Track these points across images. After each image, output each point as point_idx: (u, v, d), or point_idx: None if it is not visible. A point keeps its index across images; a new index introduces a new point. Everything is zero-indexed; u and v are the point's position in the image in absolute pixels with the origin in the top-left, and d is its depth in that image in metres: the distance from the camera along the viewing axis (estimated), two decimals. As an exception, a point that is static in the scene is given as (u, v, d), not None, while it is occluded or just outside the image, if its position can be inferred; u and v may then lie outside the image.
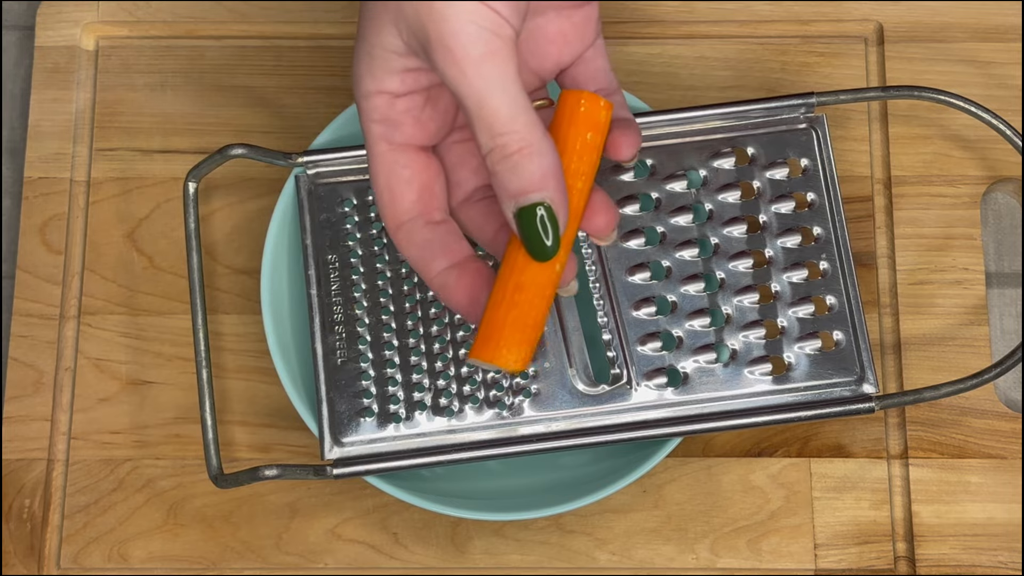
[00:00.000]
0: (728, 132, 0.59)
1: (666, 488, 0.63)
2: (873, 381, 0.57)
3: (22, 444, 0.63)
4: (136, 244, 0.66)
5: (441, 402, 0.57)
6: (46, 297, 0.65)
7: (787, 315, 0.58)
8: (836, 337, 0.57)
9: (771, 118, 0.59)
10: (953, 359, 0.64)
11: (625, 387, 0.57)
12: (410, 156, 0.51)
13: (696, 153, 0.59)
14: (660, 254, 0.58)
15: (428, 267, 0.51)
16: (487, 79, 0.45)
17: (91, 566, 0.62)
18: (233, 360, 0.64)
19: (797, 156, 0.59)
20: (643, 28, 0.68)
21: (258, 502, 0.63)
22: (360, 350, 0.58)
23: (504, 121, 0.46)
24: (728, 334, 0.58)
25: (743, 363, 0.57)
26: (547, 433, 0.57)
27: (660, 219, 0.59)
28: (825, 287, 0.58)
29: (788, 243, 0.58)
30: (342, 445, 0.57)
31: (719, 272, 0.58)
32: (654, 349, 0.57)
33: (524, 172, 0.46)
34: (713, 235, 0.58)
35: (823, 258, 0.58)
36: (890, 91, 0.60)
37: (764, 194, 0.59)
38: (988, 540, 0.62)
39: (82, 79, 0.68)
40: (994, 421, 0.63)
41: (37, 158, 0.67)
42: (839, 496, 0.62)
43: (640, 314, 0.58)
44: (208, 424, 0.58)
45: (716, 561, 0.62)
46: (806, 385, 0.57)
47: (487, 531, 0.62)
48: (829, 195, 0.58)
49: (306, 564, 0.62)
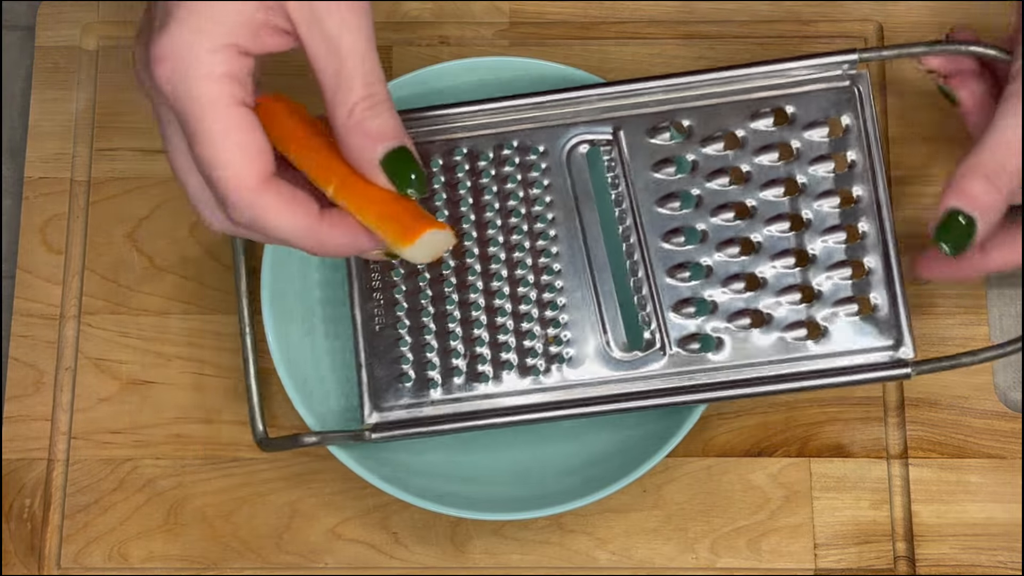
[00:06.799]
0: (767, 91, 0.58)
1: (666, 488, 0.63)
2: (911, 346, 0.56)
3: (22, 444, 0.63)
4: (136, 244, 0.66)
5: (478, 368, 0.58)
6: (46, 297, 0.65)
7: (824, 279, 0.57)
8: (875, 301, 0.57)
9: (811, 76, 0.58)
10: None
11: (659, 353, 0.57)
12: (252, 114, 0.49)
13: (733, 114, 0.58)
14: (696, 219, 0.58)
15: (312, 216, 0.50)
16: (365, 33, 0.48)
17: (91, 566, 0.62)
18: (233, 360, 0.64)
19: (838, 115, 0.58)
20: (643, 28, 0.68)
21: (258, 502, 0.63)
22: (398, 316, 0.58)
23: (378, 74, 0.49)
24: (763, 299, 0.57)
25: (778, 328, 0.57)
26: (581, 399, 0.57)
27: (696, 182, 0.58)
28: (864, 250, 0.57)
29: (826, 206, 0.57)
30: (381, 410, 0.57)
31: (756, 236, 0.58)
32: (688, 315, 0.57)
33: (389, 121, 0.49)
34: (750, 198, 0.58)
35: (863, 220, 0.57)
36: (935, 46, 0.58)
37: (804, 155, 0.58)
38: (988, 540, 0.62)
39: (82, 79, 0.68)
40: (994, 421, 0.63)
41: (37, 158, 0.67)
42: (839, 496, 0.62)
43: (674, 280, 0.58)
44: (253, 390, 0.60)
45: (716, 561, 0.62)
46: (842, 350, 0.57)
47: (487, 531, 0.62)
48: (871, 155, 0.57)
49: (306, 564, 0.62)
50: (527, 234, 0.58)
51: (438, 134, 0.59)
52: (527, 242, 0.58)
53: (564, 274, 0.58)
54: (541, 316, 0.58)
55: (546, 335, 0.58)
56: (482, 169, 0.59)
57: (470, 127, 0.59)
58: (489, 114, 0.59)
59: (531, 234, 0.58)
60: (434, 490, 0.60)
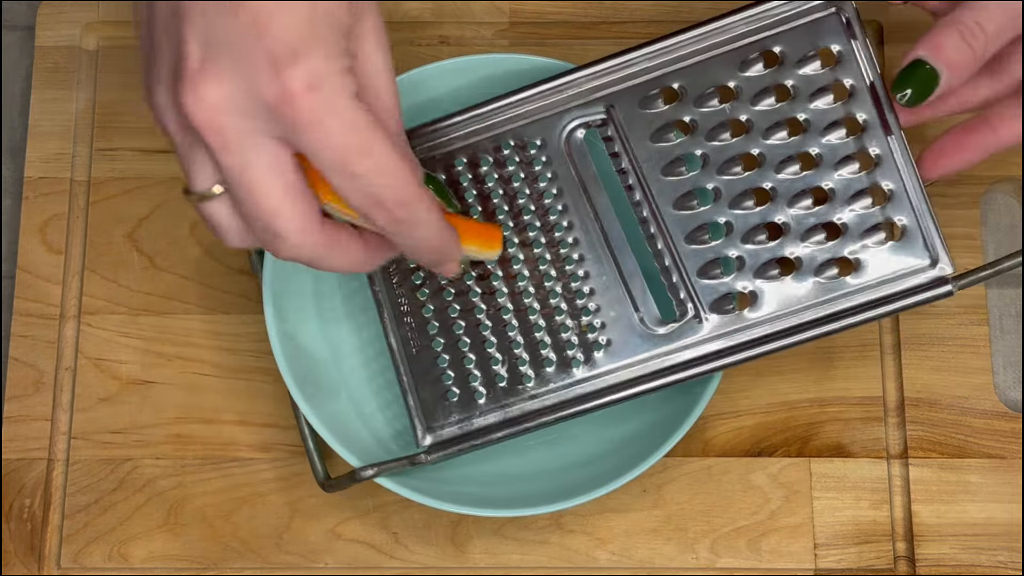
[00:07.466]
0: (752, 37, 0.57)
1: (666, 488, 0.63)
2: (948, 261, 0.55)
3: (22, 444, 0.63)
4: (136, 244, 0.66)
5: (519, 370, 0.58)
6: (46, 297, 0.65)
7: (846, 212, 0.56)
8: (901, 223, 0.56)
9: (795, 10, 0.57)
10: (953, 359, 0.64)
11: (694, 320, 0.57)
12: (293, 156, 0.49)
13: (724, 66, 0.57)
14: (705, 179, 0.57)
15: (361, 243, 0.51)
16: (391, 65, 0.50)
17: (91, 566, 0.62)
18: (233, 360, 0.64)
19: (827, 44, 0.57)
20: (643, 28, 0.68)
21: (258, 502, 0.63)
22: (432, 335, 0.58)
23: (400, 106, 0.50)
24: (788, 245, 0.56)
25: (809, 271, 0.56)
26: (629, 380, 0.57)
27: (698, 142, 0.57)
28: (880, 174, 0.56)
29: (833, 138, 0.56)
30: (432, 431, 0.58)
31: (768, 184, 0.57)
32: (716, 276, 0.57)
33: (411, 153, 0.51)
34: (756, 147, 0.57)
35: (874, 144, 0.56)
36: None
37: (801, 93, 0.57)
38: (988, 540, 0.62)
39: (82, 79, 0.68)
40: (994, 421, 0.63)
41: (37, 158, 0.67)
42: (839, 496, 0.62)
43: (695, 244, 0.57)
44: (307, 435, 0.60)
45: (716, 561, 0.62)
46: (878, 279, 0.56)
47: (487, 531, 0.62)
48: (868, 75, 0.56)
49: (306, 564, 0.62)
50: (541, 228, 0.58)
51: (435, 149, 0.59)
52: (543, 236, 0.58)
53: (585, 260, 0.58)
54: (571, 306, 0.58)
55: (579, 324, 0.58)
56: (485, 174, 0.59)
57: (465, 135, 0.59)
58: (481, 119, 0.59)
59: (545, 227, 0.58)
60: (434, 488, 0.60)
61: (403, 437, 0.62)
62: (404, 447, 0.61)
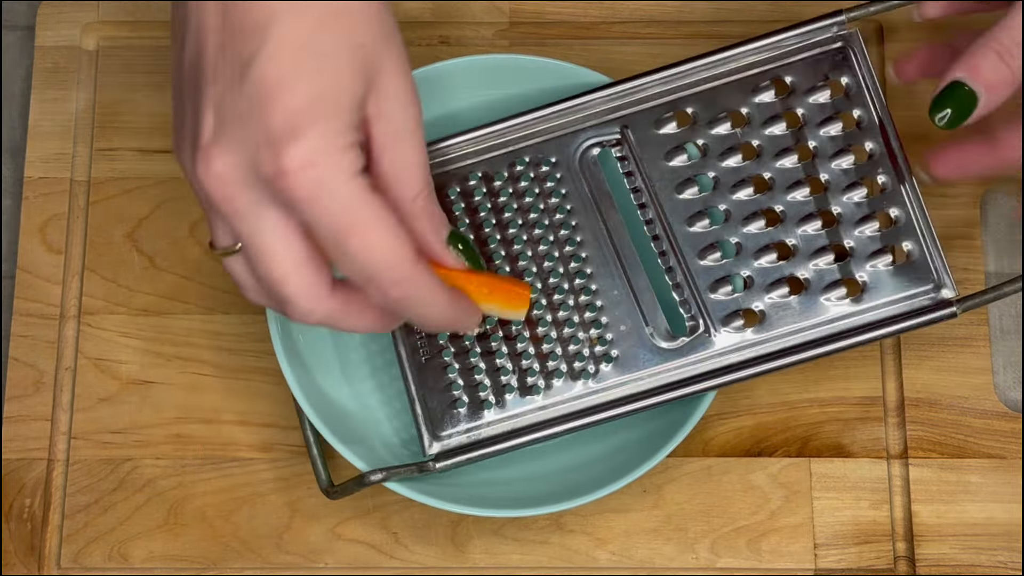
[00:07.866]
0: (763, 66, 0.59)
1: (666, 488, 0.63)
2: (951, 286, 0.57)
3: (22, 444, 0.63)
4: (136, 244, 0.66)
5: (528, 381, 0.58)
6: (46, 297, 0.65)
7: (853, 236, 0.58)
8: (907, 248, 0.57)
9: (804, 43, 0.59)
10: (953, 359, 0.64)
11: (704, 336, 0.58)
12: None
13: (735, 93, 0.59)
14: (716, 199, 0.58)
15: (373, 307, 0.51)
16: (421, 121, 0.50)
17: (91, 566, 0.62)
18: (233, 360, 0.64)
19: (836, 76, 0.58)
20: (643, 28, 0.68)
21: (258, 502, 0.63)
22: (441, 345, 0.58)
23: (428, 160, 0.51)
24: (797, 265, 0.58)
25: (817, 291, 0.57)
26: (637, 393, 0.57)
27: (710, 164, 0.59)
28: (887, 201, 0.58)
29: (843, 164, 0.58)
30: (440, 439, 0.58)
31: (778, 206, 0.58)
32: (726, 293, 0.58)
33: (437, 210, 0.51)
34: (766, 170, 0.58)
35: (880, 172, 0.58)
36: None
37: (810, 121, 0.59)
38: (988, 540, 0.62)
39: (82, 79, 0.68)
40: (994, 421, 0.63)
41: (37, 158, 0.67)
42: (839, 496, 0.62)
43: (706, 261, 0.58)
44: (311, 441, 0.60)
45: (716, 561, 0.62)
46: (884, 301, 0.57)
47: (487, 531, 0.62)
48: (876, 109, 0.58)
49: (306, 564, 0.62)
50: (554, 243, 0.59)
51: (450, 163, 0.60)
52: (555, 250, 0.59)
53: (597, 275, 0.59)
54: (581, 319, 0.58)
55: (589, 337, 0.58)
56: (499, 189, 0.59)
57: (480, 151, 0.60)
58: (497, 135, 0.60)
59: (558, 242, 0.59)
60: (434, 488, 0.60)
61: (410, 446, 0.62)
62: (412, 455, 0.61)
